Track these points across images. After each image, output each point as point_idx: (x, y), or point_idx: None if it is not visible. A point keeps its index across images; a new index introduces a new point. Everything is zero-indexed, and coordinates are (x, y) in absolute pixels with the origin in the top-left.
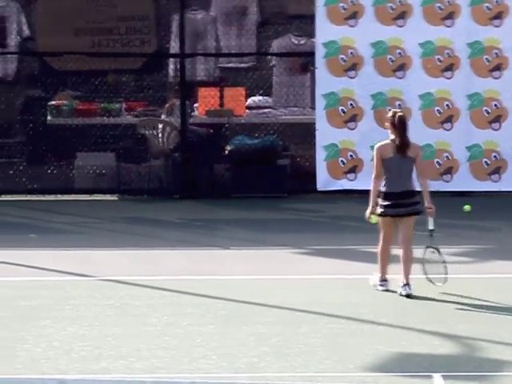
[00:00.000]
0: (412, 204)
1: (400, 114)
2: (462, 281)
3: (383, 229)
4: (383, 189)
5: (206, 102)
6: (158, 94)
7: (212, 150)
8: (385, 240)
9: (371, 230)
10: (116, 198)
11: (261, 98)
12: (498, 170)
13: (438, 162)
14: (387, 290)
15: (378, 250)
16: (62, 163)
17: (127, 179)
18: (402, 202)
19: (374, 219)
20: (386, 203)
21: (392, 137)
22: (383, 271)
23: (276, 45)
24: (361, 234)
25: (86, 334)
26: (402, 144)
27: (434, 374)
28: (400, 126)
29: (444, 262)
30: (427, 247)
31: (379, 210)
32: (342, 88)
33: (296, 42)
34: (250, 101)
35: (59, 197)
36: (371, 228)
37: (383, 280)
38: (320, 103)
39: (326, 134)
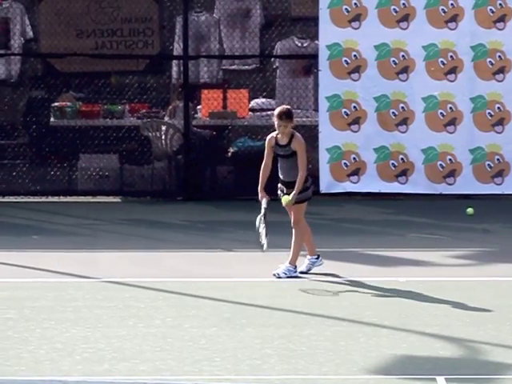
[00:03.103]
0: None
1: None
2: (465, 283)
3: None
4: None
5: (209, 104)
6: (162, 95)
7: (215, 152)
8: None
9: (374, 233)
10: (119, 200)
11: (264, 100)
12: (500, 173)
13: (441, 164)
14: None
15: (302, 236)
16: (65, 165)
17: (130, 181)
18: None
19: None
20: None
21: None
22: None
23: (279, 47)
24: (364, 237)
25: (89, 335)
26: None
27: (437, 377)
28: None
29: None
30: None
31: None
32: (346, 90)
33: (299, 44)
34: (253, 103)
35: (62, 198)
36: (374, 231)
37: (318, 256)
38: (323, 105)
39: (329, 137)
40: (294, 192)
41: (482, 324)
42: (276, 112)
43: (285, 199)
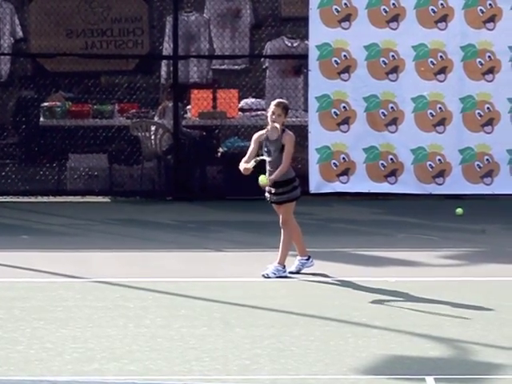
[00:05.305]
0: None
1: None
2: (454, 284)
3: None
4: (294, 172)
5: (198, 104)
6: (151, 95)
7: (205, 152)
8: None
9: (364, 233)
10: (108, 200)
11: (254, 100)
12: (490, 173)
13: (430, 164)
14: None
15: (291, 236)
16: (55, 165)
17: (120, 181)
18: None
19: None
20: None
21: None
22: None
23: (269, 47)
24: (353, 237)
25: (79, 335)
26: None
27: (426, 377)
28: None
29: None
30: None
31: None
32: (335, 90)
33: (289, 44)
34: (242, 103)
35: (51, 198)
36: (364, 231)
37: (309, 257)
38: (313, 106)
39: (319, 137)
40: (271, 176)
41: (471, 324)
42: (274, 101)
43: (262, 179)
